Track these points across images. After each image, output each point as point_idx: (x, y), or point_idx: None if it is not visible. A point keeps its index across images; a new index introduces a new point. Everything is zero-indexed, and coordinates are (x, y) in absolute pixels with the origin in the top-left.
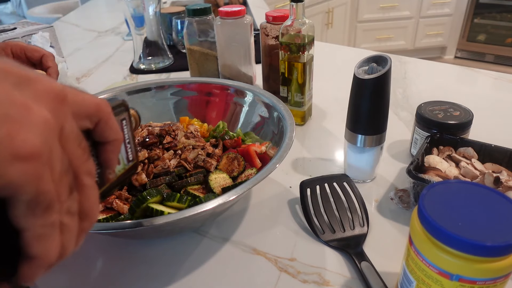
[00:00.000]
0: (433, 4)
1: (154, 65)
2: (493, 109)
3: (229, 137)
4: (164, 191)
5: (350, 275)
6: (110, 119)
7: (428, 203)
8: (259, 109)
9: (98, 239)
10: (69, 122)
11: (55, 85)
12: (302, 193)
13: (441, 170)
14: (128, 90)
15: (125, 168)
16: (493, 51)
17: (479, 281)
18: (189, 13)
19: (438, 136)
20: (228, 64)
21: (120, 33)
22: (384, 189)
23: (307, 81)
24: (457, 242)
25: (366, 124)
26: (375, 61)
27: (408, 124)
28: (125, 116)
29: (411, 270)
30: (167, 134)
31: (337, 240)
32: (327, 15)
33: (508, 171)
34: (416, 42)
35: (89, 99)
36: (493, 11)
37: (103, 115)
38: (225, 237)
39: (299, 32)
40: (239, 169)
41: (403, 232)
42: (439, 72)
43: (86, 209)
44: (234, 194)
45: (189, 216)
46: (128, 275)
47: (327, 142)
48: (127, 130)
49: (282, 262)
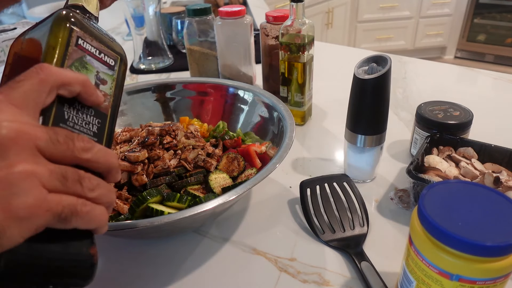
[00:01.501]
0: (433, 4)
1: (154, 65)
2: (493, 109)
3: (229, 137)
4: (164, 191)
5: (350, 275)
6: (85, 90)
7: (428, 203)
8: (259, 109)
9: (98, 239)
10: (49, 145)
11: (22, 129)
12: (302, 193)
13: (441, 170)
14: (128, 90)
15: (114, 78)
16: (493, 51)
17: (479, 281)
18: (189, 13)
19: (438, 136)
20: (228, 64)
21: (120, 33)
22: (384, 189)
23: (307, 81)
24: (457, 242)
25: (366, 124)
26: (375, 61)
27: (408, 124)
28: (77, 34)
29: (411, 270)
30: (167, 134)
31: (337, 240)
32: (327, 15)
33: (508, 171)
34: (416, 42)
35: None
36: (493, 11)
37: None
38: (225, 237)
39: (299, 32)
40: (239, 169)
41: (403, 232)
42: (439, 72)
43: (103, 170)
44: (234, 194)
45: (189, 216)
46: (128, 275)
47: (327, 142)
48: (89, 43)
49: (282, 262)
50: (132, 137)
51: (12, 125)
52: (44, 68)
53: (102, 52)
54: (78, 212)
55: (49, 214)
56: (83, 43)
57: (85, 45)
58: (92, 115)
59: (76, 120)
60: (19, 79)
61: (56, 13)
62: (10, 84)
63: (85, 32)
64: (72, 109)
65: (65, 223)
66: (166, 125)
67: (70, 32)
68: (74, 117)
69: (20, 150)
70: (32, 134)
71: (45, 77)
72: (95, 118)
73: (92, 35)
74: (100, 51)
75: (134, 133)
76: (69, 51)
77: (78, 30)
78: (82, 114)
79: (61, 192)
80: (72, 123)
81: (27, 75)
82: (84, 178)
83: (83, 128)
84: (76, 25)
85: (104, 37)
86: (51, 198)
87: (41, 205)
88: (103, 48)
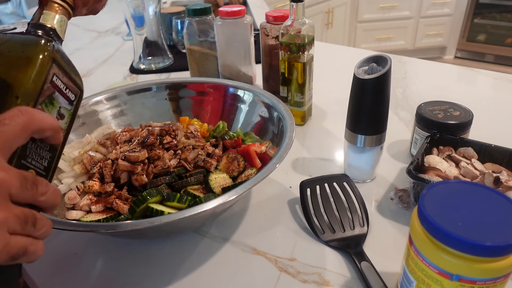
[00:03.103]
0: (433, 4)
1: (154, 65)
2: (493, 109)
3: (229, 137)
4: (164, 191)
5: (350, 275)
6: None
7: (428, 203)
8: (259, 109)
9: (98, 239)
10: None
11: (3, 178)
12: (302, 193)
13: (441, 170)
14: (128, 90)
15: (70, 113)
16: (493, 51)
17: (479, 281)
18: (189, 13)
19: (438, 136)
20: (228, 64)
21: (120, 33)
22: (384, 189)
23: (307, 81)
24: (457, 242)
25: (366, 124)
26: (375, 61)
27: (408, 124)
28: (53, 72)
29: (411, 270)
30: (167, 134)
31: (337, 240)
32: (327, 15)
33: (508, 171)
34: (416, 42)
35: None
36: (493, 11)
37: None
38: (225, 237)
39: (299, 32)
40: (239, 169)
41: (403, 232)
42: (439, 72)
43: (49, 207)
44: (234, 194)
45: (189, 216)
46: (128, 275)
47: (327, 142)
48: (60, 79)
49: (282, 262)
50: (132, 137)
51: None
52: (26, 113)
53: (68, 88)
54: (27, 252)
55: (6, 255)
56: (56, 80)
57: (57, 81)
58: (46, 150)
59: (34, 156)
60: (3, 121)
61: (39, 41)
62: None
63: (60, 69)
64: (33, 146)
65: (14, 261)
66: (166, 125)
67: (49, 69)
68: (33, 153)
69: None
70: (8, 182)
71: (27, 124)
72: (48, 153)
73: (64, 71)
74: (66, 87)
75: (134, 133)
76: (44, 89)
77: (56, 68)
78: (39, 150)
79: (18, 234)
80: (30, 159)
81: (11, 118)
82: (37, 220)
83: (37, 163)
84: (56, 62)
85: (71, 70)
86: (13, 242)
87: (4, 250)
88: (69, 83)
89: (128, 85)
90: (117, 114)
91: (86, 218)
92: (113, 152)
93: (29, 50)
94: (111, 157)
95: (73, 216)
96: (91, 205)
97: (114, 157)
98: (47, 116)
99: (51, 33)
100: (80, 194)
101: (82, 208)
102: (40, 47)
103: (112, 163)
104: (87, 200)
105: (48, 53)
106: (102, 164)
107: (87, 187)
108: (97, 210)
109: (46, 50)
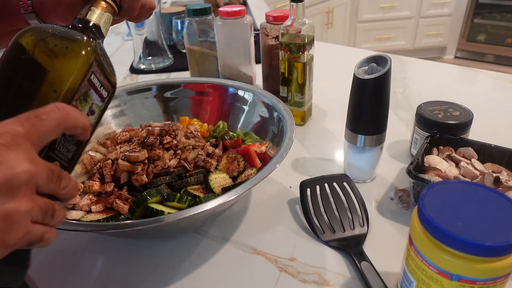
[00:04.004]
0: (433, 4)
1: (154, 65)
2: (493, 109)
3: (229, 137)
4: (164, 191)
5: (350, 275)
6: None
7: (428, 203)
8: (259, 109)
9: (98, 239)
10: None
11: (34, 172)
12: (302, 193)
13: (441, 170)
14: (128, 90)
15: (100, 109)
16: (493, 51)
17: (479, 281)
18: (189, 13)
19: (438, 136)
20: (228, 64)
21: (120, 33)
22: (384, 189)
23: (307, 81)
24: (457, 242)
25: (366, 124)
26: (375, 61)
27: (408, 124)
28: (93, 70)
29: (411, 270)
30: (167, 134)
31: (337, 240)
32: (327, 15)
33: (508, 171)
34: (416, 42)
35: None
36: (493, 11)
37: None
38: (225, 237)
39: (299, 32)
40: (239, 169)
41: (403, 232)
42: (439, 72)
43: (67, 199)
44: (234, 194)
45: (189, 216)
46: (128, 275)
47: (327, 142)
48: (97, 78)
49: (282, 262)
50: (132, 137)
51: (28, 168)
52: (62, 110)
53: (103, 85)
54: (43, 239)
55: (25, 241)
56: (93, 78)
57: (94, 80)
58: (73, 144)
59: (61, 149)
60: (40, 116)
61: (84, 39)
62: (32, 119)
63: (98, 67)
64: (62, 140)
65: (29, 247)
66: (166, 125)
67: (89, 68)
68: (61, 146)
69: (26, 189)
70: (37, 176)
71: (62, 120)
72: (74, 146)
73: (102, 69)
74: (101, 85)
75: (134, 133)
76: (82, 86)
77: (96, 67)
78: (67, 143)
79: (38, 223)
80: (58, 151)
81: (48, 113)
82: (56, 211)
83: (62, 156)
84: (96, 60)
85: (108, 67)
86: (33, 230)
87: (25, 237)
88: (105, 81)
89: (128, 85)
90: (117, 114)
91: (86, 218)
92: (113, 152)
93: (74, 47)
94: (111, 157)
95: (73, 216)
96: (91, 205)
97: (114, 157)
98: (81, 115)
99: (95, 30)
100: (80, 194)
101: (82, 208)
102: (85, 45)
103: (112, 163)
104: (87, 200)
105: (91, 52)
106: (102, 164)
107: (87, 187)
108: (97, 210)
109: (89, 49)
